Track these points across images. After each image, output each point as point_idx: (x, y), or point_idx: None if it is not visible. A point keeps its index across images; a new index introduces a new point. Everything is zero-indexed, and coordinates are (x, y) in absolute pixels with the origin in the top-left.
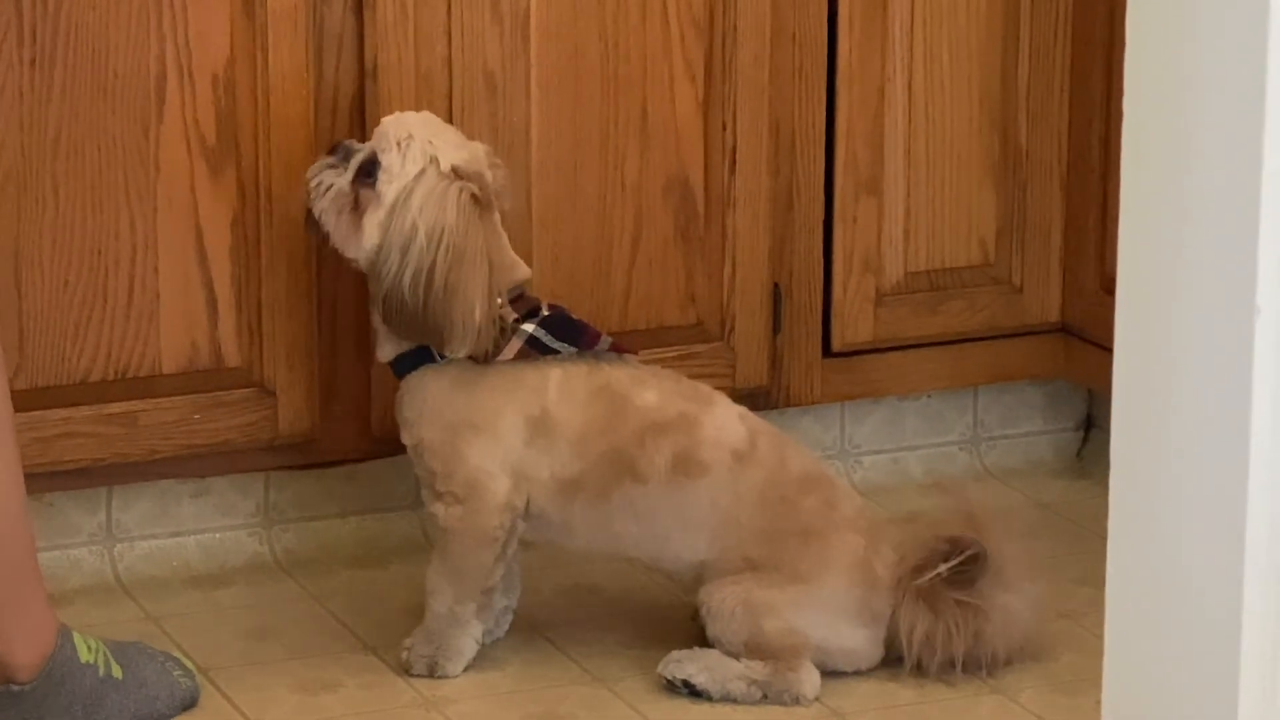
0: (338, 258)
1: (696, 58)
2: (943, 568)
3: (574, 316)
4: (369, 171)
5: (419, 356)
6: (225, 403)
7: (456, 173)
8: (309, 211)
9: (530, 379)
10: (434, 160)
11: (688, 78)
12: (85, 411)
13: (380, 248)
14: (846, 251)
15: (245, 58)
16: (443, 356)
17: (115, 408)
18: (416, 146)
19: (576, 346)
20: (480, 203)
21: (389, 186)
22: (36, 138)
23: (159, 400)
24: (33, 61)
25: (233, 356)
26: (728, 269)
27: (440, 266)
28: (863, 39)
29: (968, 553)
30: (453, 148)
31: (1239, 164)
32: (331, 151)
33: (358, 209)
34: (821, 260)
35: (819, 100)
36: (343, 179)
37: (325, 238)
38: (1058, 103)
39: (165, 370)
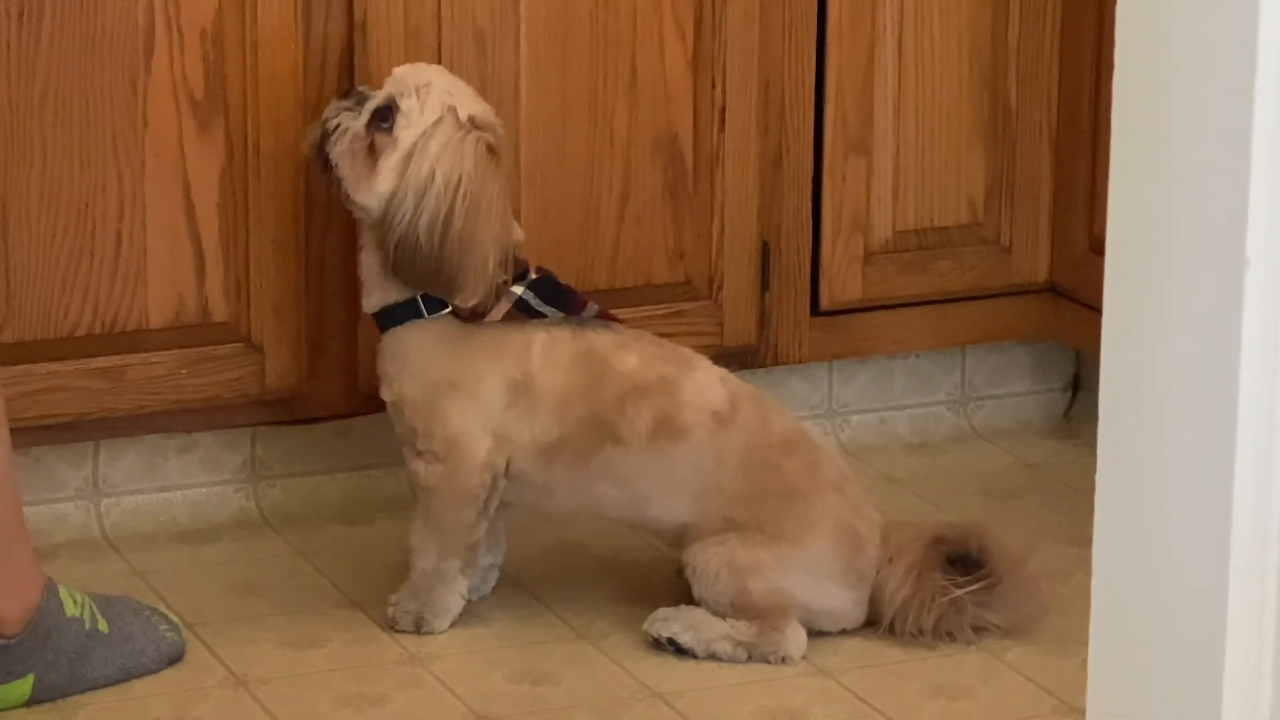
0: (326, 213)
1: (686, 15)
2: (960, 588)
3: (561, 282)
4: (384, 116)
5: (406, 310)
6: (212, 358)
7: (473, 122)
8: (319, 154)
9: (515, 342)
10: (451, 109)
11: (677, 35)
12: (72, 366)
13: (394, 193)
14: (835, 210)
15: (234, 12)
16: (443, 307)
17: (102, 362)
18: (435, 94)
19: (564, 311)
20: (494, 154)
21: (406, 131)
22: (23, 91)
23: (146, 355)
24: (20, 14)
25: (220, 311)
26: (716, 227)
27: (457, 214)
28: None
29: (978, 561)
30: (469, 99)
31: (1228, 116)
32: (345, 95)
33: (372, 153)
34: (810, 219)
35: (809, 58)
36: (358, 122)
37: (336, 182)
38: (1048, 62)
39: (152, 325)
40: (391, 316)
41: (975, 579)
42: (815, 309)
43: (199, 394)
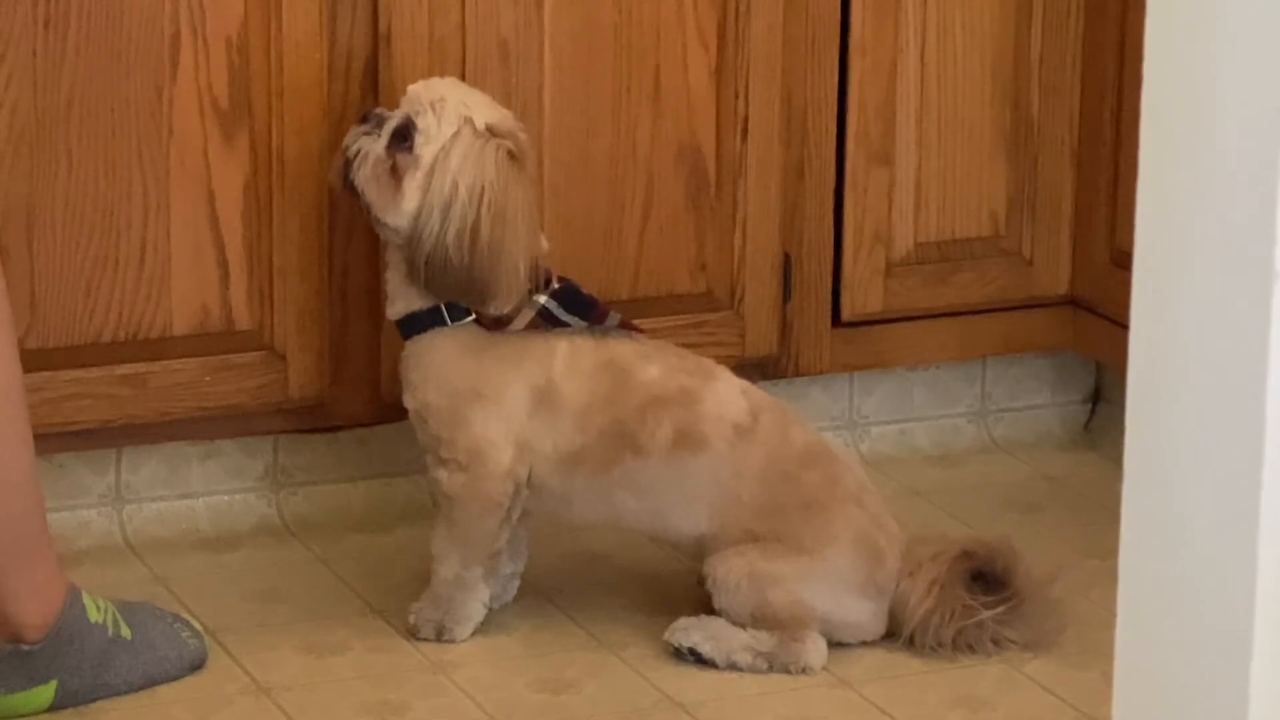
0: (350, 222)
1: (709, 26)
2: (986, 607)
3: (584, 291)
4: (403, 136)
5: (430, 318)
6: (235, 365)
7: (491, 131)
8: (344, 180)
9: (538, 350)
10: (468, 120)
11: (700, 46)
12: (96, 373)
13: (420, 210)
14: (857, 222)
15: (259, 21)
16: (466, 315)
17: (125, 369)
18: (450, 107)
19: (586, 320)
20: (516, 159)
21: (426, 148)
22: (50, 99)
23: (169, 362)
24: (46, 23)
25: (243, 319)
26: (738, 238)
27: (484, 223)
28: (875, 10)
29: (1002, 579)
30: (485, 108)
31: (1257, 129)
32: (363, 120)
33: (395, 174)
34: (832, 230)
35: (831, 70)
36: (378, 145)
37: (365, 208)
38: (1070, 75)
39: (176, 332)
40: (415, 324)
41: (999, 599)
42: (836, 320)
43: (222, 401)
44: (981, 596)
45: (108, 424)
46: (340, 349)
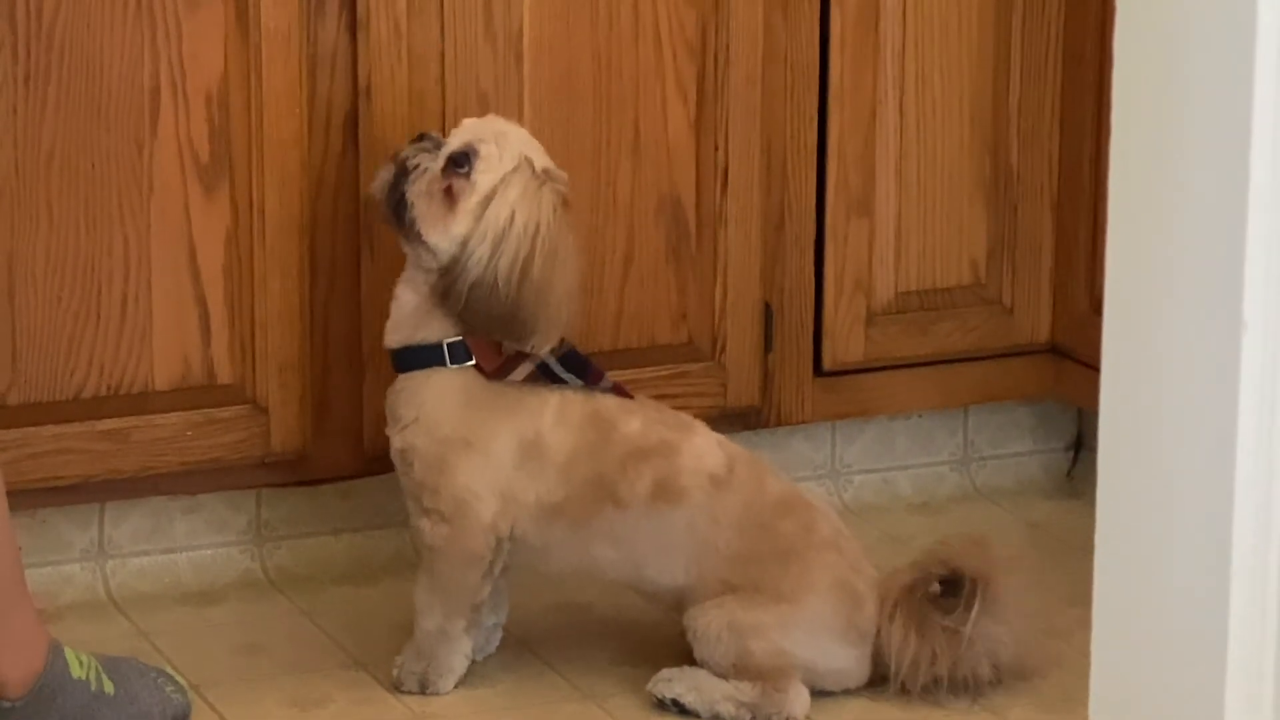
0: (331, 275)
1: (689, 77)
2: (935, 587)
3: (582, 353)
4: (460, 162)
5: (429, 355)
6: (218, 419)
7: (547, 174)
8: (391, 194)
9: (530, 402)
10: (528, 159)
11: (680, 97)
12: (78, 428)
13: (469, 236)
14: (837, 271)
15: (239, 76)
16: (467, 358)
17: (108, 424)
18: (513, 142)
19: (582, 380)
20: (567, 206)
21: (485, 176)
22: (30, 154)
23: (151, 417)
24: (26, 78)
25: (225, 373)
26: (719, 288)
27: (536, 261)
28: (854, 60)
29: (961, 577)
30: (540, 152)
31: (1225, 178)
32: (419, 139)
33: (449, 196)
34: (813, 280)
35: (810, 120)
36: (435, 163)
37: (408, 222)
38: (1049, 123)
39: (158, 387)
40: (413, 358)
41: (965, 600)
42: (818, 369)
43: (204, 455)
44: (955, 609)
45: (90, 479)
46: (322, 402)
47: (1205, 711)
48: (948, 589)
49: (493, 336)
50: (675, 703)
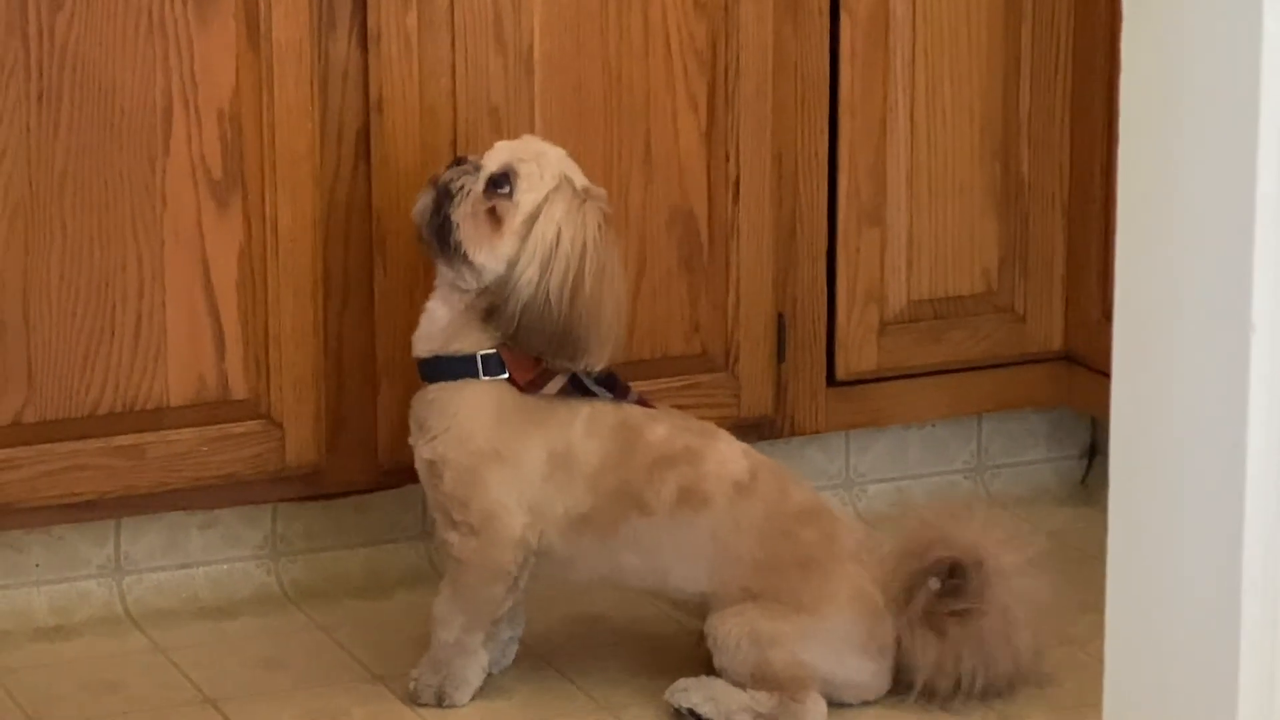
0: (344, 289)
1: (699, 89)
2: (932, 583)
3: (609, 367)
4: (500, 183)
5: (462, 367)
6: (233, 435)
7: (587, 193)
8: (434, 218)
9: (561, 414)
10: (568, 178)
11: (691, 109)
12: (93, 444)
13: (517, 257)
14: (850, 281)
15: (251, 92)
16: (500, 371)
17: (123, 440)
18: (551, 161)
19: (611, 393)
20: (609, 224)
21: (528, 195)
22: (44, 172)
23: (166, 432)
24: (40, 97)
25: (240, 389)
26: (731, 299)
27: (588, 279)
28: (864, 70)
29: (949, 564)
30: (577, 171)
31: (1232, 185)
32: (457, 162)
33: (493, 217)
34: (825, 289)
35: (821, 131)
36: (477, 185)
37: (453, 246)
38: (1059, 131)
39: (173, 403)
40: (444, 369)
41: (957, 576)
42: (831, 379)
43: (219, 471)
44: (956, 591)
45: (106, 495)
46: (337, 416)
47: (1218, 717)
48: (946, 576)
49: (545, 356)
50: (692, 712)
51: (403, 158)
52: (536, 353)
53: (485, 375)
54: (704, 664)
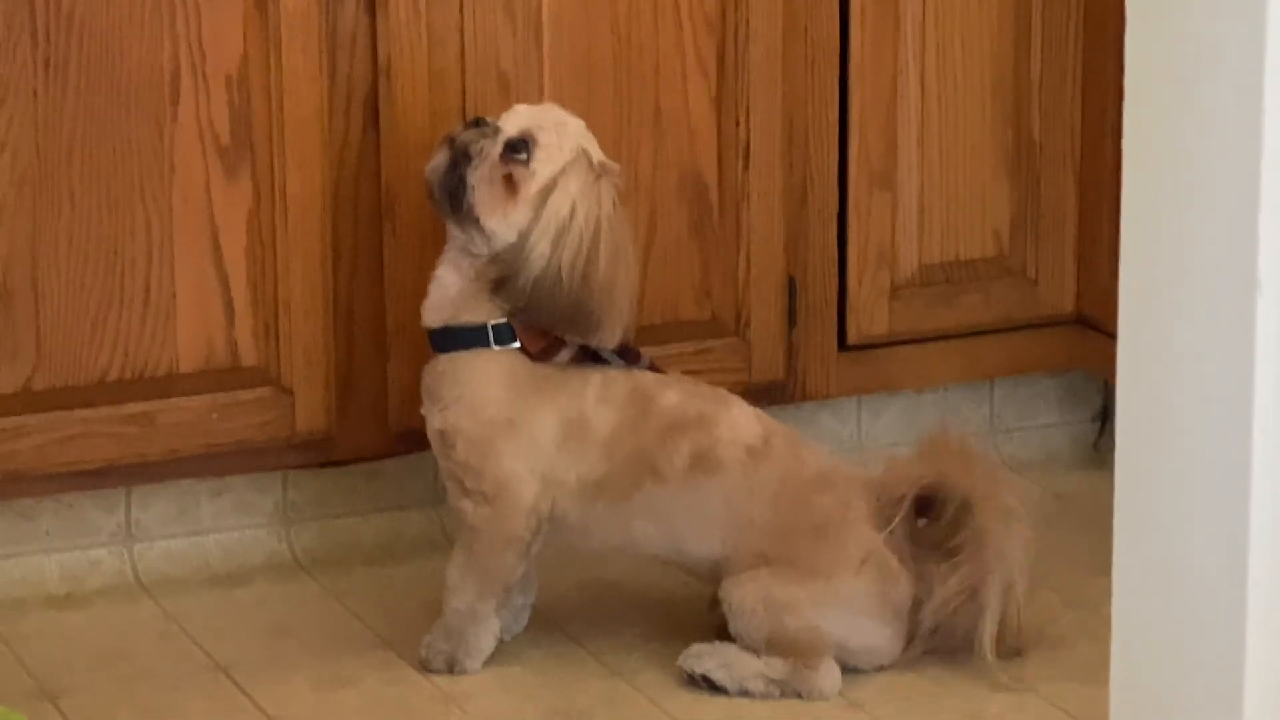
0: (354, 255)
1: (709, 53)
2: (947, 533)
3: None
4: (517, 149)
5: (473, 337)
6: (243, 402)
7: (604, 167)
8: (448, 177)
9: (573, 382)
10: (585, 152)
11: (700, 73)
12: (103, 412)
13: (530, 227)
14: (861, 245)
15: (259, 58)
16: (511, 340)
17: (133, 408)
18: (571, 133)
19: (623, 360)
20: (621, 201)
21: (545, 166)
22: (51, 139)
23: (176, 400)
24: (47, 63)
25: (250, 355)
26: (742, 264)
27: (603, 257)
28: (875, 32)
29: (932, 493)
30: (595, 145)
31: (1239, 141)
32: (474, 124)
33: (509, 183)
34: (836, 254)
35: (831, 94)
36: (494, 149)
37: (465, 208)
38: (1070, 94)
39: (182, 370)
40: (455, 339)
41: (939, 510)
42: (842, 344)
43: (230, 438)
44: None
45: (116, 463)
46: (347, 383)
47: (1226, 677)
48: (929, 512)
49: (556, 331)
50: (705, 678)
51: (411, 123)
52: (546, 327)
53: (496, 345)
54: (716, 629)
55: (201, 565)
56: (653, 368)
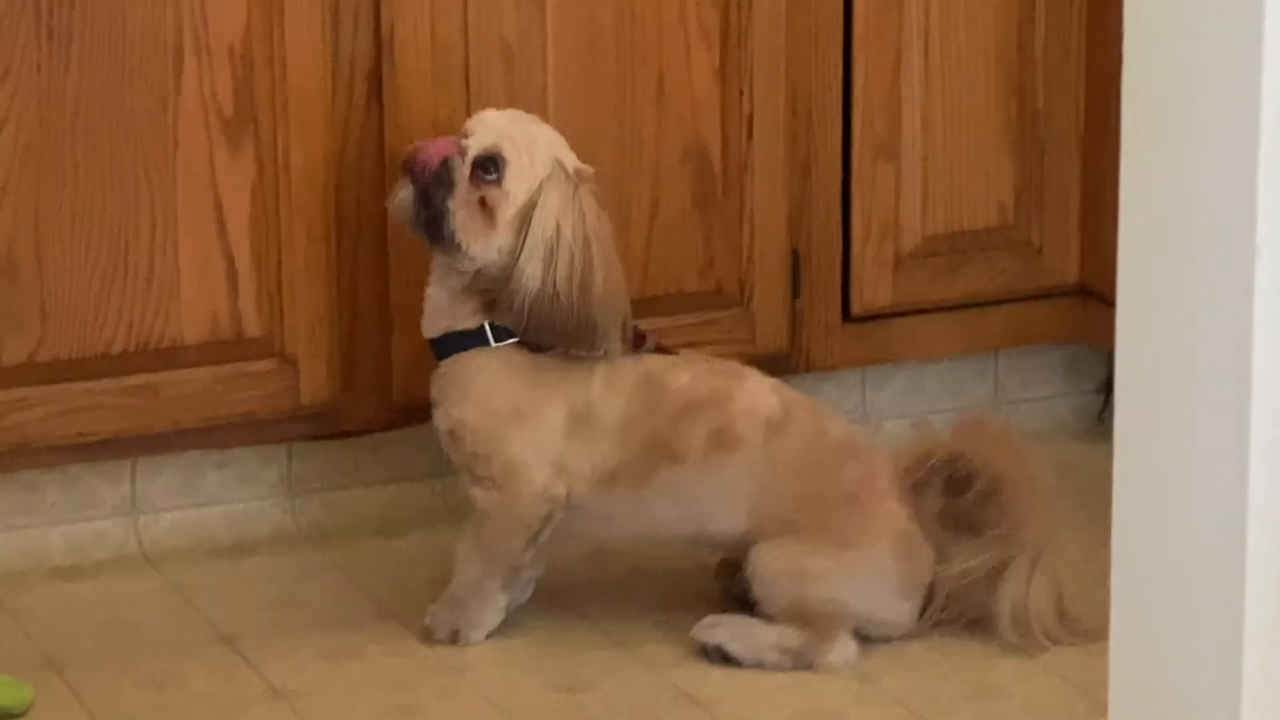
0: (357, 228)
1: (712, 25)
2: (974, 504)
3: None
4: (487, 168)
5: (472, 338)
6: (247, 374)
7: (579, 175)
8: (425, 206)
9: (578, 372)
10: (559, 162)
11: (704, 45)
12: (107, 383)
13: (517, 249)
14: (865, 216)
15: (262, 30)
16: (509, 336)
17: (137, 379)
18: (540, 145)
19: (630, 345)
20: (602, 207)
21: (518, 185)
22: (55, 112)
23: (181, 372)
24: (50, 35)
25: (254, 327)
26: (746, 235)
27: (597, 271)
28: (878, 3)
29: (965, 467)
30: (565, 149)
31: (1237, 107)
32: (415, 153)
33: (484, 206)
34: (840, 225)
35: (835, 65)
36: (464, 168)
37: (444, 234)
38: (1075, 64)
39: (187, 341)
40: (454, 344)
41: (965, 485)
42: (846, 315)
43: (234, 410)
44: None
45: (121, 435)
46: (351, 354)
47: (1223, 647)
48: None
49: (559, 347)
50: (719, 650)
51: (415, 95)
52: (549, 345)
53: (495, 341)
54: (720, 599)
55: (206, 537)
56: (660, 349)
